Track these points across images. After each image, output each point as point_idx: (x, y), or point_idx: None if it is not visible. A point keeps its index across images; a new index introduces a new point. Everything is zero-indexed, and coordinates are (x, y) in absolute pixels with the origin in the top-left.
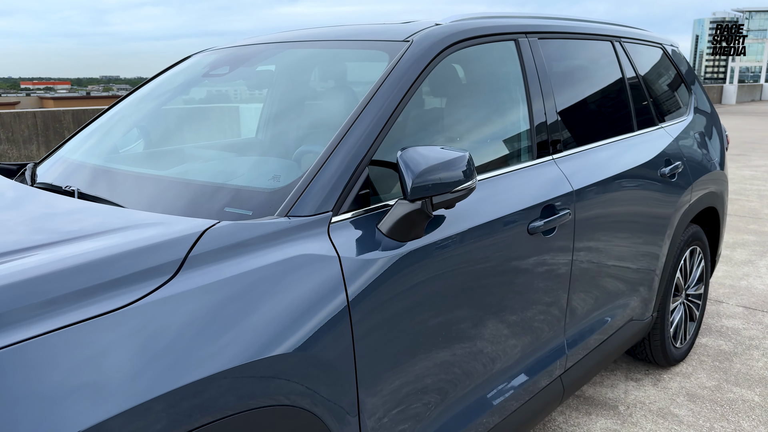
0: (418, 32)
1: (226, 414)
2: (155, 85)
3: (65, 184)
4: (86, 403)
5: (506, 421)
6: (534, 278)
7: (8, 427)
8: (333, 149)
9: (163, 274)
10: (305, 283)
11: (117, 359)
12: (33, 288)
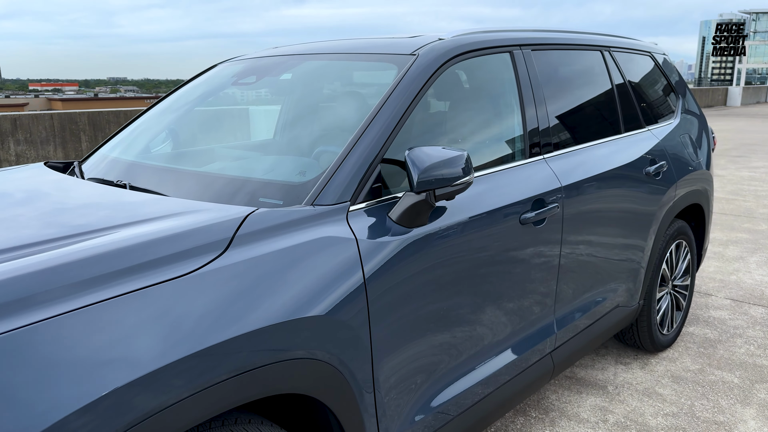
0: (423, 46)
1: (269, 362)
2: (185, 91)
3: (114, 178)
4: (169, 342)
5: (501, 389)
6: (525, 263)
7: (124, 356)
8: (350, 149)
9: (216, 249)
10: (329, 260)
11: (184, 312)
12: (125, 256)
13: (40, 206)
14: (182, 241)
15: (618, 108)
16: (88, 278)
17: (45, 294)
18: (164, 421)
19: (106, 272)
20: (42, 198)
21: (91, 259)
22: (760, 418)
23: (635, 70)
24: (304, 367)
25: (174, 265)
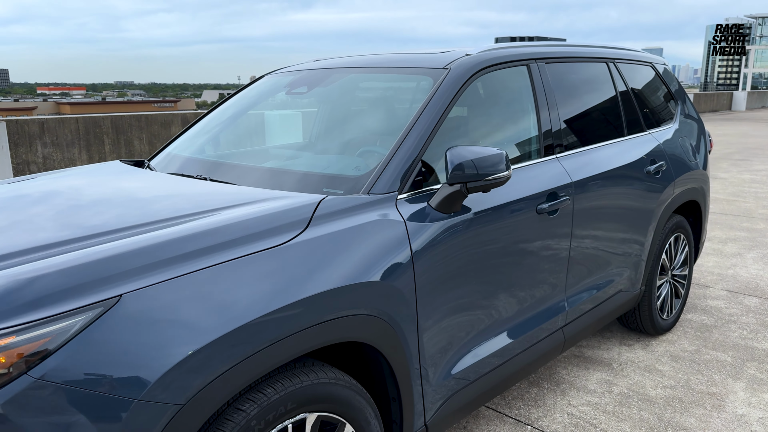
0: (454, 61)
1: (339, 315)
2: (239, 99)
3: (191, 173)
4: (265, 295)
5: (521, 355)
6: (541, 248)
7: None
8: (397, 148)
9: (299, 227)
10: (383, 237)
11: (278, 274)
12: (236, 229)
13: (152, 193)
14: (274, 220)
15: (622, 113)
16: (213, 245)
17: (192, 253)
18: (264, 359)
19: (225, 241)
20: (150, 187)
21: (214, 230)
22: (749, 390)
23: (637, 79)
24: (365, 322)
25: (269, 238)
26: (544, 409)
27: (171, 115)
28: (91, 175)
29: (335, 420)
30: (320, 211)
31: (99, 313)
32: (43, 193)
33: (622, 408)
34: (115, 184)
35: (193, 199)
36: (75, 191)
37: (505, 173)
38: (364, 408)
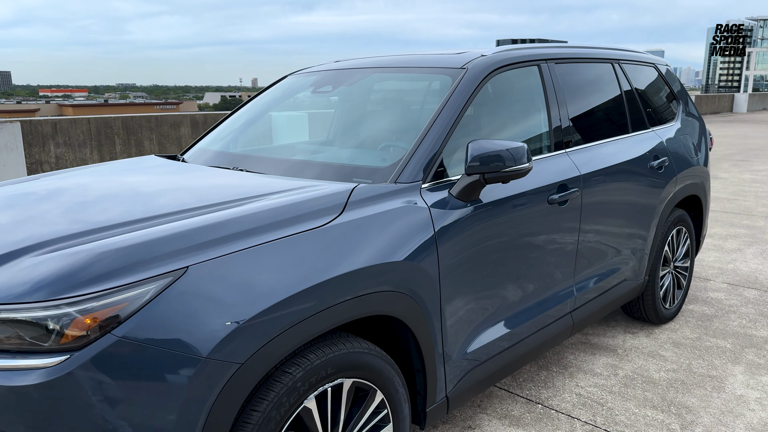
0: (471, 61)
1: (370, 291)
2: (263, 98)
3: (225, 165)
4: (309, 270)
5: (534, 336)
6: (551, 236)
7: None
8: (420, 141)
9: (336, 211)
10: (409, 222)
11: (318, 253)
12: (282, 213)
13: (200, 182)
14: (314, 204)
15: (626, 111)
16: (263, 225)
17: (246, 232)
18: (308, 327)
19: (273, 221)
20: (195, 177)
21: (264, 212)
22: (747, 373)
23: (641, 79)
24: (394, 298)
25: (310, 221)
26: (554, 390)
27: (180, 116)
28: (136, 166)
29: (367, 386)
30: (354, 197)
31: (169, 282)
32: (99, 181)
33: (627, 389)
34: (162, 174)
35: (238, 187)
36: (127, 179)
37: (526, 165)
38: (393, 377)
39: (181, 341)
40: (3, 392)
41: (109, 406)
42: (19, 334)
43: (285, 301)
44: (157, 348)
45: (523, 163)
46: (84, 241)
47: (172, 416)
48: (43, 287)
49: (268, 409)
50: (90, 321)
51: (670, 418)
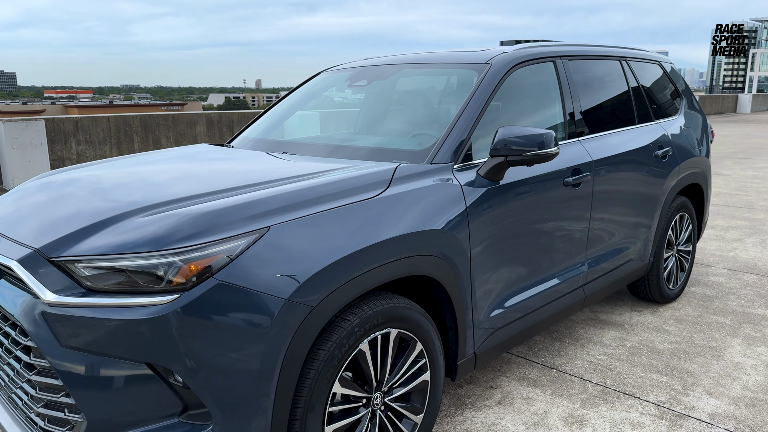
0: (494, 57)
1: (412, 254)
2: (300, 92)
3: (273, 150)
4: (364, 233)
5: (550, 306)
6: (566, 215)
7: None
8: (451, 128)
9: (383, 186)
10: (444, 196)
11: (370, 219)
12: (340, 186)
13: (261, 162)
14: (365, 179)
15: (633, 105)
16: (327, 194)
17: (312, 200)
18: (361, 283)
19: (334, 192)
20: (254, 159)
21: (326, 185)
22: (744, 345)
23: (647, 76)
24: (432, 261)
25: (363, 193)
26: (567, 358)
27: (196, 114)
28: (194, 150)
29: (409, 337)
30: (397, 174)
31: (255, 238)
32: (168, 162)
33: (634, 357)
34: (222, 157)
35: (294, 166)
36: (193, 161)
37: (554, 150)
38: (431, 331)
39: (268, 285)
40: (127, 324)
41: (210, 337)
42: (134, 279)
43: (346, 257)
44: (248, 290)
45: (551, 148)
46: (180, 206)
47: (259, 347)
48: (153, 240)
49: (331, 348)
50: (193, 268)
51: (673, 380)
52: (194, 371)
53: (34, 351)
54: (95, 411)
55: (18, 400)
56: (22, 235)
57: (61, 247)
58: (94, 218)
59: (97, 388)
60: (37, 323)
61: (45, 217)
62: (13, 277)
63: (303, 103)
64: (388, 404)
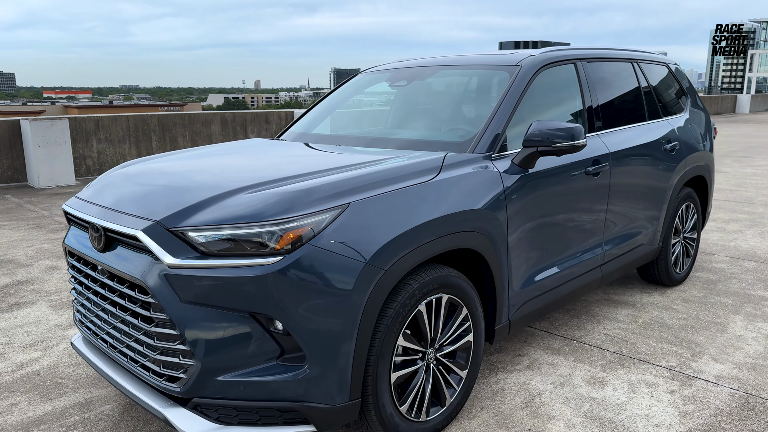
0: (523, 59)
1: (460, 230)
2: (342, 91)
3: (326, 142)
4: (423, 210)
5: (572, 282)
6: (587, 200)
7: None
8: (489, 122)
9: (435, 171)
10: (485, 181)
11: (427, 199)
12: (400, 171)
13: (319, 153)
14: (420, 166)
15: (643, 103)
16: (392, 177)
17: (383, 181)
18: (422, 252)
19: (399, 176)
20: (312, 150)
21: (391, 170)
22: (746, 321)
23: (655, 76)
24: (476, 236)
25: (420, 177)
26: (585, 331)
27: (211, 114)
28: (255, 143)
29: (457, 302)
30: (446, 162)
31: (339, 213)
32: (241, 152)
33: (646, 331)
34: (285, 148)
35: (356, 155)
36: (262, 151)
37: (582, 141)
38: (474, 298)
39: (351, 250)
40: (238, 281)
41: (306, 292)
42: (242, 245)
43: (410, 230)
44: (336, 254)
45: (580, 140)
46: (276, 186)
47: (345, 301)
48: (258, 214)
49: (397, 306)
50: (291, 236)
51: (682, 349)
52: (294, 320)
53: (154, 306)
54: (207, 356)
55: (130, 352)
56: (141, 211)
57: (179, 219)
58: (204, 195)
59: (209, 336)
60: (160, 282)
61: (157, 196)
62: (129, 245)
63: (343, 101)
64: (439, 359)
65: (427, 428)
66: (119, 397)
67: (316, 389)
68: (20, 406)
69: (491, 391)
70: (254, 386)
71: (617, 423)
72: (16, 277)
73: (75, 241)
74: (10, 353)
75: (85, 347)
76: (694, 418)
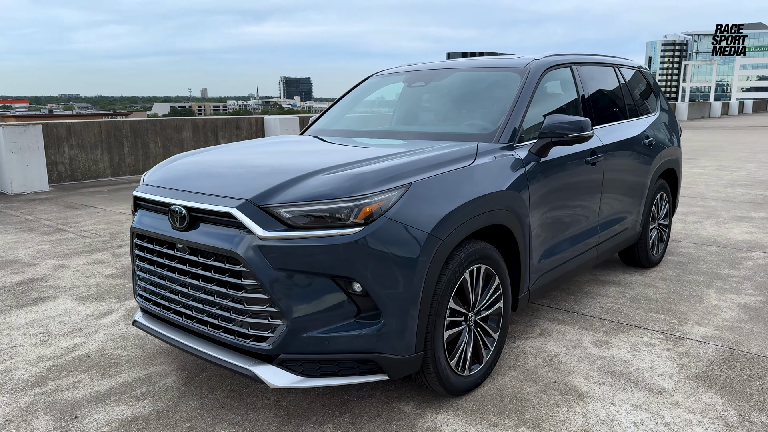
0: (530, 62)
1: (493, 208)
2: (357, 92)
3: (356, 137)
4: (467, 190)
5: (576, 258)
6: (588, 187)
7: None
8: (509, 117)
9: (472, 158)
10: (511, 166)
11: (466, 183)
12: (443, 158)
13: (365, 144)
14: (459, 153)
15: (625, 103)
16: (441, 162)
17: (435, 165)
18: (468, 226)
19: (446, 161)
20: (350, 143)
21: (436, 156)
22: (718, 294)
23: (632, 80)
24: (506, 214)
25: (461, 163)
26: (582, 305)
27: (183, 120)
28: (292, 138)
29: (492, 272)
30: (479, 150)
31: (404, 191)
32: (290, 144)
33: (635, 303)
34: (328, 141)
35: (400, 145)
36: (308, 143)
37: (589, 132)
38: (504, 270)
39: (417, 222)
40: (324, 249)
41: (383, 258)
42: (325, 219)
43: (460, 206)
44: (404, 225)
45: (588, 131)
46: (348, 168)
47: (413, 266)
48: (338, 191)
49: (449, 273)
50: (368, 210)
51: (669, 317)
52: (371, 282)
53: (245, 274)
54: (295, 315)
55: (211, 319)
56: (229, 192)
57: (267, 198)
58: (286, 176)
59: (296, 298)
60: (252, 252)
61: (239, 179)
62: (214, 222)
63: (358, 101)
64: (477, 322)
65: (470, 382)
66: (178, 371)
67: (390, 342)
68: (84, 383)
69: (514, 354)
70: (336, 341)
71: (627, 374)
72: (27, 275)
73: (146, 223)
74: (53, 340)
75: (151, 323)
76: (690, 369)
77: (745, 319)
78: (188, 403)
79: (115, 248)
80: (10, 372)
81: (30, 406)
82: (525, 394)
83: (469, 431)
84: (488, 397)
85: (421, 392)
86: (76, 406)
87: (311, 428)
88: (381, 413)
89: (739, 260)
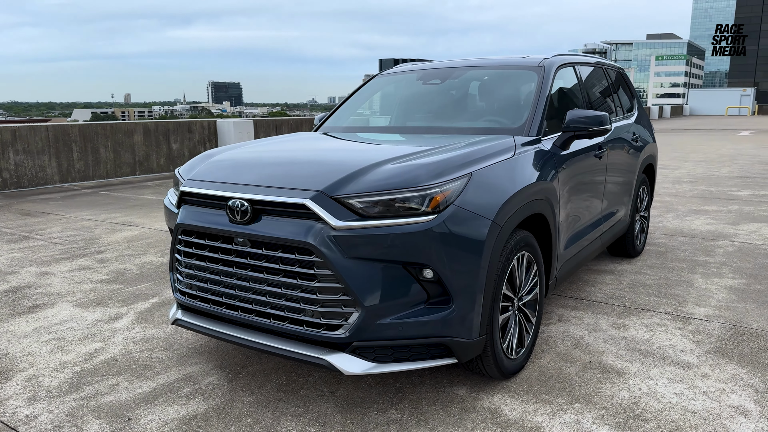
0: (543, 61)
1: (528, 200)
2: (363, 92)
3: (384, 132)
4: (515, 181)
5: (588, 247)
6: (597, 179)
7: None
8: (533, 112)
9: (512, 151)
10: (543, 157)
11: (512, 173)
12: (486, 152)
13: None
14: (501, 146)
15: (614, 101)
16: (490, 153)
17: (484, 157)
18: (517, 215)
19: (493, 152)
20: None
21: (484, 148)
22: (703, 278)
23: (615, 81)
24: (542, 203)
25: (500, 156)
26: (587, 293)
27: (134, 124)
28: (320, 135)
29: (531, 260)
30: (516, 142)
31: (467, 180)
32: (324, 141)
33: (634, 289)
34: (363, 136)
35: (440, 139)
36: (342, 139)
37: (609, 126)
38: (541, 257)
39: (482, 209)
40: (397, 237)
41: (453, 244)
42: (396, 207)
43: (514, 195)
44: (471, 212)
45: (607, 125)
46: (410, 159)
47: (479, 251)
48: (408, 181)
49: (503, 260)
50: (438, 198)
51: (670, 300)
52: (443, 267)
53: (318, 264)
54: (369, 303)
55: (276, 311)
56: (297, 184)
57: (339, 188)
58: (353, 167)
59: (370, 286)
60: (327, 242)
61: (306, 171)
62: (280, 214)
63: (366, 99)
64: (520, 308)
65: (516, 365)
66: (219, 369)
67: (459, 326)
68: (123, 386)
69: (542, 338)
70: (409, 326)
71: (653, 351)
72: (10, 283)
73: (196, 219)
74: (70, 346)
75: (196, 320)
76: (706, 344)
77: (735, 300)
78: (242, 399)
79: (96, 254)
80: (36, 379)
81: (74, 411)
82: (567, 374)
83: (528, 410)
84: (534, 378)
85: (470, 377)
86: (125, 408)
87: (375, 415)
88: (438, 398)
89: (711, 248)
